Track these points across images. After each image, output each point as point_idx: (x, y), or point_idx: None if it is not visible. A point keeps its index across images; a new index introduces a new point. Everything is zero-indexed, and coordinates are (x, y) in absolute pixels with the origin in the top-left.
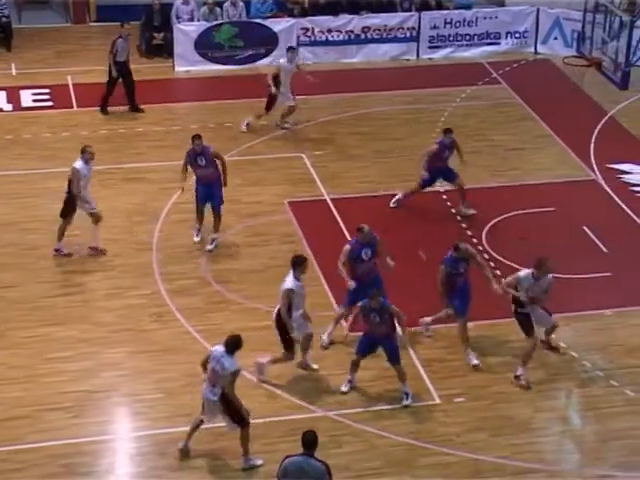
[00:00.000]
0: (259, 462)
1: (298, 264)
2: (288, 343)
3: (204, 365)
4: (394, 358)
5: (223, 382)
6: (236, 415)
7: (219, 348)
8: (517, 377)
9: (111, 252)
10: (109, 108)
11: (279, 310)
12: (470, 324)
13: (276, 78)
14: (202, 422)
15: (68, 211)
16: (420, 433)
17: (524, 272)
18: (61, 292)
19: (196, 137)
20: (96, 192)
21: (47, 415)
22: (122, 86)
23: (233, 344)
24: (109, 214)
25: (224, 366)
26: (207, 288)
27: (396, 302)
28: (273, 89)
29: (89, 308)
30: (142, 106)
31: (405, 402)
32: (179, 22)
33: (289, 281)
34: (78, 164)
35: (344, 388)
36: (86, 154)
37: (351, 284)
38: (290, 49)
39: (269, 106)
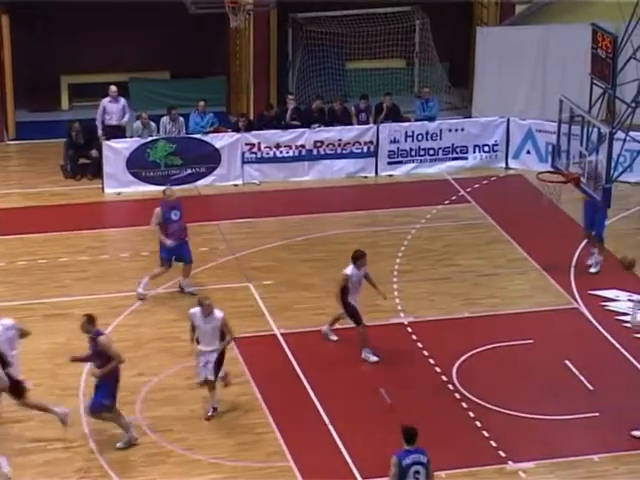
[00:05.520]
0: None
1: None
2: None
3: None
4: None
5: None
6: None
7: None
8: None
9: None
10: None
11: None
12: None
13: None
14: None
15: None
16: None
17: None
18: None
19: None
20: None
21: None
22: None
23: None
24: (28, 356)
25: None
26: (143, 438)
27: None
28: None
29: None
30: (68, 233)
31: None
32: (108, 120)
33: (349, 268)
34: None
35: None
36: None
37: (169, 243)
38: None
39: None
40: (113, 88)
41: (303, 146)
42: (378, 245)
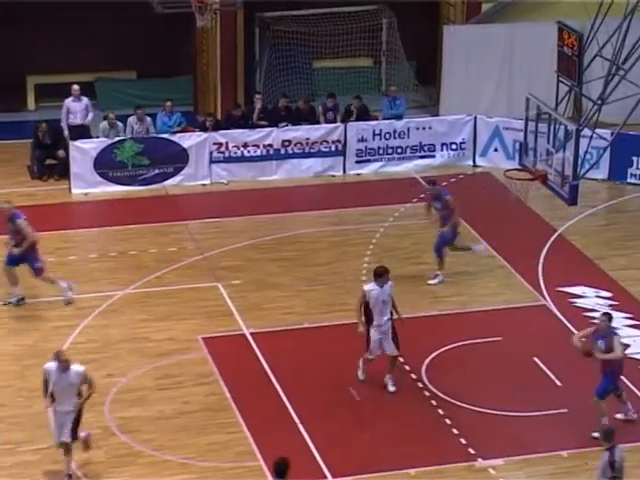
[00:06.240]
0: None
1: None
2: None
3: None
4: None
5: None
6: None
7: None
8: None
9: None
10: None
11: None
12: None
13: None
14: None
15: None
16: None
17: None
18: None
19: None
20: None
21: None
22: None
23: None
24: None
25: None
26: (111, 439)
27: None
28: None
29: None
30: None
31: None
32: (72, 119)
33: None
34: None
35: None
36: None
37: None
38: None
39: None
40: (75, 87)
41: (271, 145)
42: (346, 244)
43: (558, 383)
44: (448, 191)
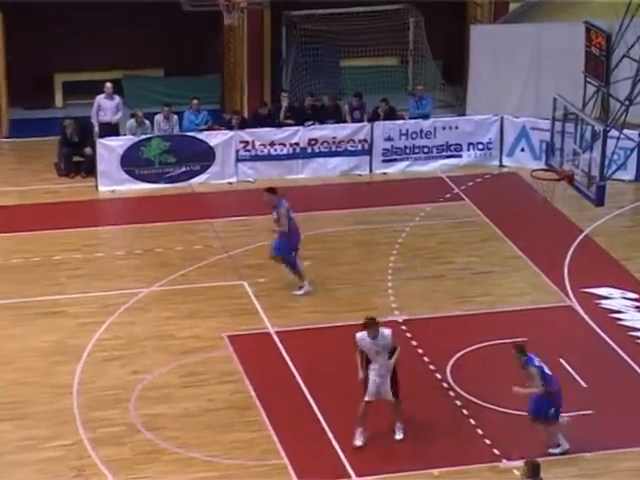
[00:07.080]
0: None
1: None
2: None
3: None
4: None
5: None
6: None
7: None
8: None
9: (25, 397)
10: None
11: None
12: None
13: None
14: None
15: None
16: None
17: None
18: None
19: None
20: (7, 329)
21: None
22: None
23: None
24: (22, 354)
25: None
26: (137, 436)
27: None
28: None
29: None
30: (62, 231)
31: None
32: (102, 116)
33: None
34: None
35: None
36: None
37: None
38: None
39: None
40: (108, 85)
41: (297, 144)
42: (373, 243)
43: (583, 384)
44: (286, 202)
